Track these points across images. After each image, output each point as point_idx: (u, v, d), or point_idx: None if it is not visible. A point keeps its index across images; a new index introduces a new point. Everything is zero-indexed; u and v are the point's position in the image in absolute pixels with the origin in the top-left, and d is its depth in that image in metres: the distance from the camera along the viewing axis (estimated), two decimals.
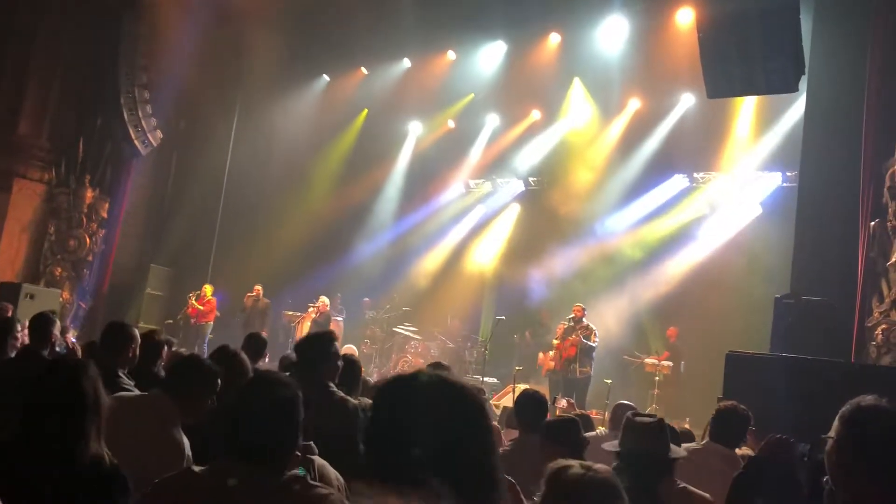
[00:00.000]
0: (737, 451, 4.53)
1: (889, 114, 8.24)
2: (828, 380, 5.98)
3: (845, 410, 2.02)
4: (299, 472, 3.09)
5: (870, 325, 7.96)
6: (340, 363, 4.05)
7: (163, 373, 4.39)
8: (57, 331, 4.81)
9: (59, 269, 14.11)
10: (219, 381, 3.42)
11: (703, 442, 4.50)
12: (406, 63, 15.60)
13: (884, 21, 8.45)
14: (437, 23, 13.64)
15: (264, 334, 6.42)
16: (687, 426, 8.12)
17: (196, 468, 2.14)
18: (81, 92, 14.29)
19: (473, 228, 16.87)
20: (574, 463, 1.99)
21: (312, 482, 2.15)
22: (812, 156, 9.19)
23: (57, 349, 4.97)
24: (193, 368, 3.44)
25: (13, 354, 4.79)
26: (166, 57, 14.09)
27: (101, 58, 14.15)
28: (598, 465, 2.02)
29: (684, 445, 4.38)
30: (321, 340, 4.05)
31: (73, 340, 5.39)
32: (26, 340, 6.03)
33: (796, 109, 11.61)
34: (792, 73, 8.04)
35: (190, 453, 3.13)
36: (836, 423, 2.02)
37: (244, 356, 4.18)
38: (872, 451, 1.97)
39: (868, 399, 2.02)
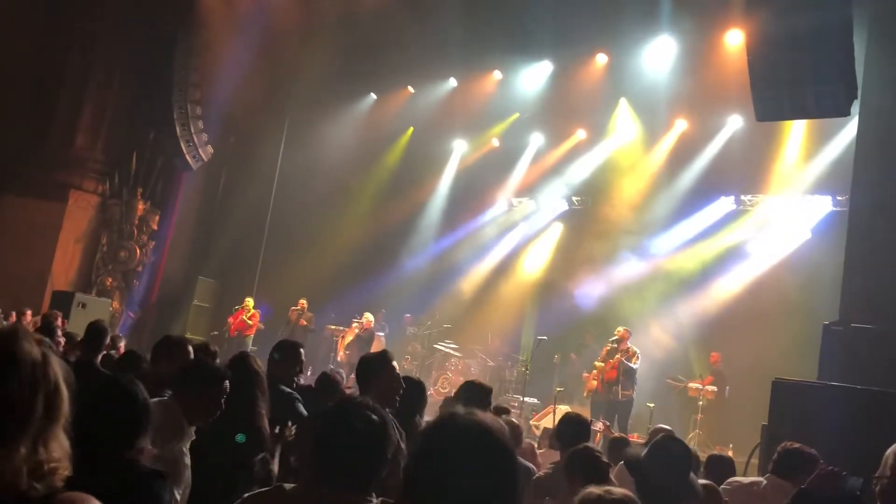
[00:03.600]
0: None
1: None
2: (878, 411, 5.84)
3: None
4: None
5: None
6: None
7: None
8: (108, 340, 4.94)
9: (110, 280, 14.48)
10: (227, 384, 3.48)
11: (767, 476, 4.43)
12: (452, 82, 15.73)
13: None
14: (484, 43, 13.72)
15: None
16: (730, 453, 8.00)
17: (287, 486, 2.22)
18: (136, 107, 14.71)
19: (516, 247, 16.85)
20: (596, 488, 2.11)
21: None
22: (863, 180, 9.00)
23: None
24: (202, 374, 3.50)
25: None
26: (218, 73, 14.43)
27: (154, 74, 14.55)
28: (617, 489, 2.13)
29: (740, 479, 4.34)
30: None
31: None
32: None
33: (848, 132, 11.41)
34: (844, 97, 7.90)
35: (189, 466, 3.19)
36: (891, 460, 1.98)
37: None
38: None
39: None
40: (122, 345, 6.42)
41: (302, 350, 4.90)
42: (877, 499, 2.00)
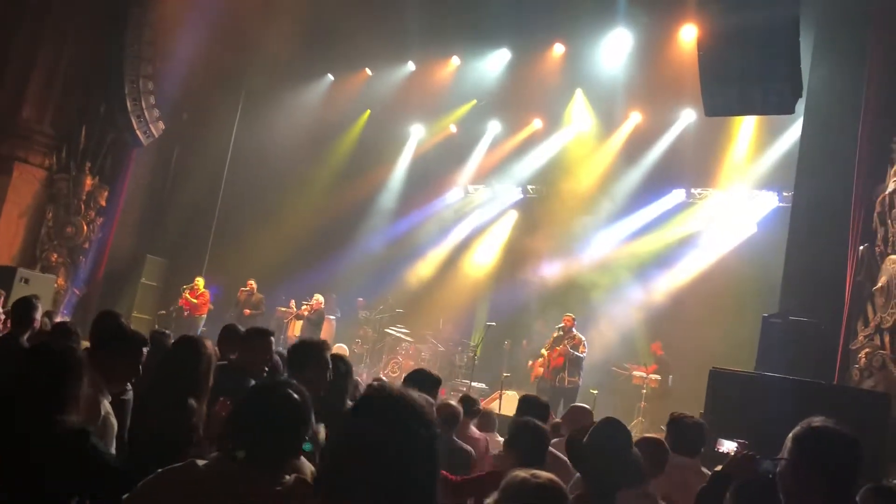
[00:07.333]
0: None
1: (883, 140, 8.32)
2: (808, 400, 6.04)
3: (797, 431, 2.10)
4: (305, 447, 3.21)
5: (854, 347, 8.01)
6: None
7: None
8: (39, 315, 4.84)
9: (56, 255, 14.15)
10: (144, 351, 3.55)
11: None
12: (410, 66, 15.68)
13: (882, 48, 8.52)
14: (443, 28, 13.73)
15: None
16: None
17: (199, 462, 2.18)
18: (86, 80, 14.34)
19: (470, 234, 16.92)
20: (522, 471, 2.16)
21: None
22: (806, 177, 9.27)
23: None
24: (117, 340, 3.55)
25: None
26: (172, 49, 14.16)
27: (106, 47, 14.21)
28: (542, 472, 2.17)
29: None
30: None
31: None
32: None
33: (795, 130, 11.68)
34: (789, 95, 8.07)
35: (113, 420, 3.23)
36: (789, 443, 2.09)
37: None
38: (824, 470, 2.04)
39: (818, 420, 2.10)
40: (56, 320, 6.28)
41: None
42: (779, 476, 2.11)
